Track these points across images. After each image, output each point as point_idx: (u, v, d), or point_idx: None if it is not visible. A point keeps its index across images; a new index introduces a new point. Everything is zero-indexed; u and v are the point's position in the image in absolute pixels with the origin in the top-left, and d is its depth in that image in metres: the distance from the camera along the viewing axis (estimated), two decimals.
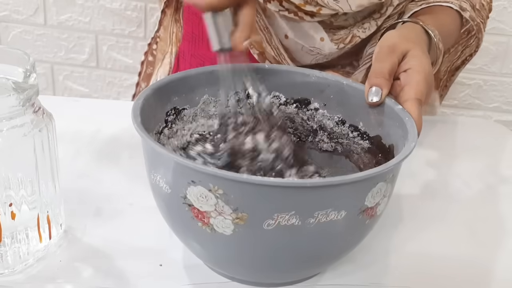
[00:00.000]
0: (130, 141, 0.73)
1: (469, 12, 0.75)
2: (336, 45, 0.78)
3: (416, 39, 0.63)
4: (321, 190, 0.43)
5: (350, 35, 0.78)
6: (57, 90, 1.62)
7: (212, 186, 0.43)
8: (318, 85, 0.60)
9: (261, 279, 0.52)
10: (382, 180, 0.46)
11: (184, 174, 0.44)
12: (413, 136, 0.49)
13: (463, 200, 0.67)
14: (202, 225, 0.46)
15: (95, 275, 0.53)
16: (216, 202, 0.43)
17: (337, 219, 0.44)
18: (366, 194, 0.45)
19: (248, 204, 0.43)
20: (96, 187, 0.65)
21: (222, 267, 0.52)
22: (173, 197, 0.46)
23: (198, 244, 0.49)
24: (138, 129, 0.47)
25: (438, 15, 0.73)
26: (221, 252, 0.48)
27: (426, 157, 0.75)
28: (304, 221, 0.44)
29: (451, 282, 0.55)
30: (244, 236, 0.45)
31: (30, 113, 0.49)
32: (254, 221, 0.44)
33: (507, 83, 1.56)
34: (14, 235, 0.51)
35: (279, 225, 0.43)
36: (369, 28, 0.79)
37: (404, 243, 0.60)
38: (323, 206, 0.43)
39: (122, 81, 1.61)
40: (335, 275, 0.54)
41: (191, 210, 0.45)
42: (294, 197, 0.43)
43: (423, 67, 0.57)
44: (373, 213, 0.47)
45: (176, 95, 0.57)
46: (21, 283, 0.51)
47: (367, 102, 0.56)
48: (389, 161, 0.46)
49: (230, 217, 0.44)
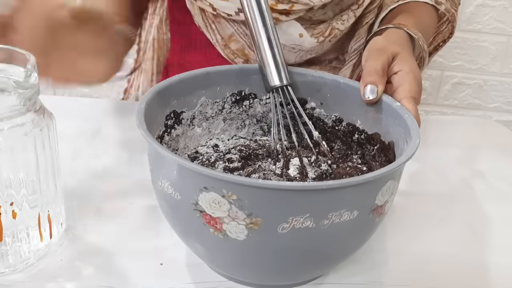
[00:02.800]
0: (130, 141, 0.73)
1: (444, 5, 0.77)
2: (316, 39, 0.78)
3: (401, 43, 0.65)
4: (335, 191, 0.43)
5: (329, 28, 0.78)
6: (57, 90, 1.61)
7: (226, 192, 0.43)
8: (314, 84, 0.60)
9: (268, 281, 0.52)
10: (391, 178, 0.46)
11: (195, 180, 0.44)
12: (416, 133, 0.50)
13: (463, 200, 0.67)
14: (214, 231, 0.45)
15: (96, 274, 0.53)
16: (230, 208, 0.43)
17: (349, 219, 0.45)
18: (377, 193, 0.46)
19: (262, 209, 0.43)
20: (96, 186, 0.65)
21: (231, 271, 0.52)
22: (183, 204, 0.46)
23: (207, 250, 0.49)
24: (145, 135, 0.46)
25: (416, 13, 0.74)
26: (233, 257, 0.48)
27: (426, 157, 0.75)
28: (318, 223, 0.44)
29: (452, 282, 0.55)
30: (258, 241, 0.45)
31: (31, 113, 0.49)
32: (269, 226, 0.43)
33: (507, 83, 1.56)
34: (15, 234, 0.51)
35: (294, 228, 0.43)
36: (347, 20, 0.79)
37: (405, 243, 0.60)
38: (336, 207, 0.44)
39: (122, 81, 1.61)
40: (338, 275, 0.55)
41: (202, 216, 0.45)
42: (309, 200, 0.43)
43: (412, 69, 0.59)
44: (382, 211, 0.48)
45: (175, 98, 0.57)
46: (22, 282, 0.51)
47: (364, 101, 0.56)
48: (398, 159, 0.46)
49: (244, 222, 0.44)
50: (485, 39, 1.50)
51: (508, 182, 0.72)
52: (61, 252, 0.55)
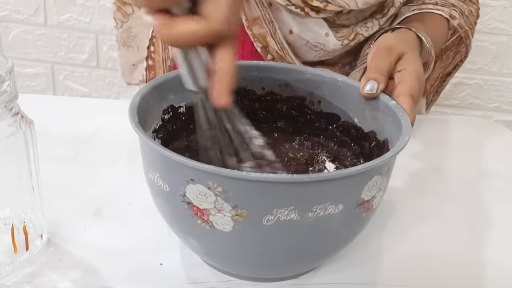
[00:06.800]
0: (130, 141, 0.72)
1: (457, 20, 0.79)
2: (341, 41, 0.78)
3: (410, 44, 0.65)
4: (319, 184, 0.43)
5: (353, 33, 0.79)
6: (57, 90, 1.62)
7: (211, 184, 0.43)
8: (312, 82, 0.60)
9: (258, 274, 0.52)
10: (378, 173, 0.46)
11: (182, 172, 0.44)
12: (407, 130, 0.50)
13: (463, 200, 0.68)
14: (201, 222, 0.46)
15: (95, 275, 0.53)
16: (216, 200, 0.44)
17: (334, 213, 0.45)
18: (363, 188, 0.46)
19: (247, 201, 0.43)
20: (96, 186, 0.65)
21: (221, 263, 0.52)
22: (172, 196, 0.46)
23: (197, 241, 0.49)
24: (135, 128, 0.47)
25: (428, 23, 0.76)
26: (221, 248, 0.48)
27: (426, 156, 0.75)
28: (303, 215, 0.44)
29: (446, 279, 0.55)
30: (243, 232, 0.45)
31: (8, 118, 0.48)
32: (254, 217, 0.44)
33: (507, 83, 1.56)
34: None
35: (278, 220, 0.44)
36: (371, 27, 0.80)
37: (399, 241, 0.60)
38: (321, 200, 0.44)
39: (122, 81, 1.61)
40: (330, 272, 0.55)
41: (190, 208, 0.45)
42: (294, 192, 0.43)
43: (416, 69, 0.59)
44: (369, 206, 0.48)
45: (172, 93, 0.57)
46: (19, 282, 0.51)
47: (362, 94, 0.56)
48: (384, 155, 0.46)
49: (229, 214, 0.44)
50: (485, 39, 1.51)
51: (508, 182, 0.72)
52: (60, 253, 0.55)
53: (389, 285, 0.54)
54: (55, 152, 0.69)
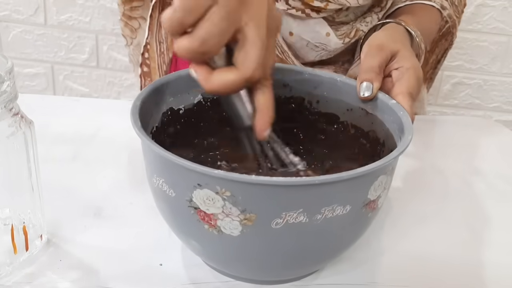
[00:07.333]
0: (130, 141, 0.72)
1: (448, 10, 0.78)
2: (342, 40, 0.78)
3: (401, 40, 0.65)
4: (328, 186, 0.43)
5: (353, 30, 0.79)
6: (57, 90, 1.62)
7: (219, 188, 0.43)
8: (311, 82, 0.60)
9: (261, 276, 0.52)
10: (383, 173, 0.46)
11: (189, 177, 0.44)
12: (409, 129, 0.50)
13: (463, 200, 0.67)
14: (208, 227, 0.45)
15: (95, 275, 0.53)
16: (224, 204, 0.43)
17: (342, 214, 0.45)
18: (369, 188, 0.46)
19: (256, 205, 0.43)
20: (96, 186, 0.65)
21: (225, 266, 0.52)
22: (177, 201, 0.46)
23: (202, 246, 0.49)
24: (139, 133, 0.46)
25: (419, 15, 0.76)
26: (227, 252, 0.48)
27: (426, 156, 0.75)
28: (311, 217, 0.44)
29: (446, 280, 0.55)
30: (251, 236, 0.45)
31: (8, 118, 0.48)
32: (262, 221, 0.44)
33: (507, 83, 1.56)
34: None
35: (287, 223, 0.44)
36: (371, 21, 0.80)
37: (398, 241, 0.60)
38: (329, 201, 0.44)
39: (122, 81, 1.61)
40: (331, 273, 0.55)
41: (197, 213, 0.45)
42: (302, 195, 0.43)
43: (413, 65, 0.59)
44: (375, 206, 0.48)
45: (171, 96, 0.57)
46: (19, 282, 0.51)
47: (360, 98, 0.57)
48: (389, 154, 0.46)
49: (238, 218, 0.44)
50: (485, 39, 1.51)
51: (508, 181, 0.72)
52: (60, 253, 0.55)
53: (388, 285, 0.54)
54: (55, 152, 0.69)
